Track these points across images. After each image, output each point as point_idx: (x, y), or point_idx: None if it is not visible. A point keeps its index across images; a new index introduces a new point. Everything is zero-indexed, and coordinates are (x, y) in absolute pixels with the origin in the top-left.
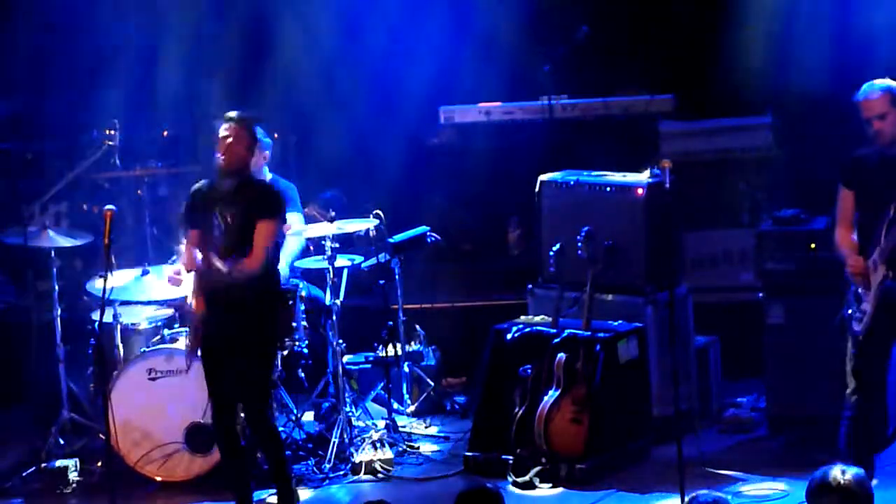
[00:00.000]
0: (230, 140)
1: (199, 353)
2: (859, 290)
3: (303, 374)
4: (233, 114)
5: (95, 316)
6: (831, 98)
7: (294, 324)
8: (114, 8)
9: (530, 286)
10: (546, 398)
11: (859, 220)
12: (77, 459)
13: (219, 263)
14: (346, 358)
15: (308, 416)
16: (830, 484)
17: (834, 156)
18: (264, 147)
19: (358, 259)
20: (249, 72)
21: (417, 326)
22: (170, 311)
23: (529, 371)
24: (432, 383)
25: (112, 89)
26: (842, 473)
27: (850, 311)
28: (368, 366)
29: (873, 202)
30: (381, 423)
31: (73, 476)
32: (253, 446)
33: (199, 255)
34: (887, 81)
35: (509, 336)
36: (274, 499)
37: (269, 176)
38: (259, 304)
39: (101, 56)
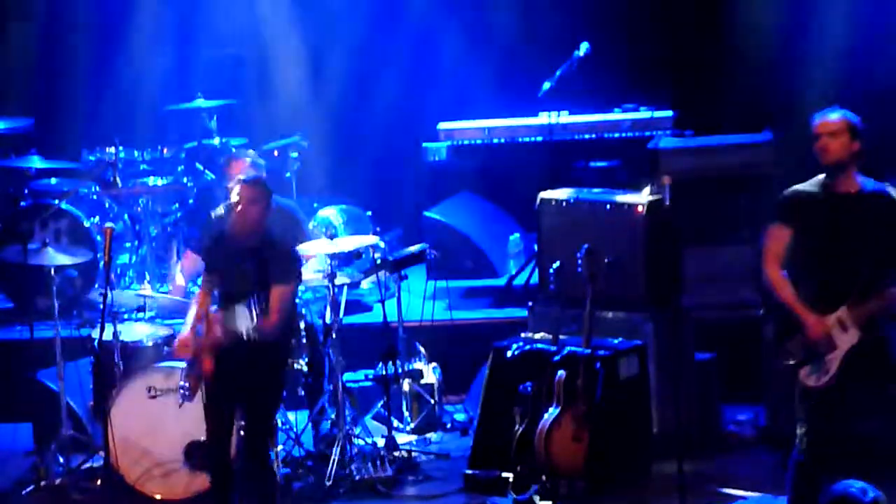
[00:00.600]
0: (245, 202)
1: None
2: (814, 346)
3: (303, 392)
4: (246, 176)
5: (95, 333)
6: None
7: (293, 341)
8: (117, 27)
9: (531, 303)
10: (546, 416)
11: (811, 269)
12: (76, 477)
13: (242, 326)
14: (345, 375)
15: (308, 434)
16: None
17: None
18: (258, 169)
19: (358, 276)
20: (249, 92)
21: (417, 343)
22: (170, 330)
23: (529, 388)
24: (432, 401)
25: (113, 107)
26: (863, 493)
27: (795, 361)
28: (368, 383)
29: (832, 250)
30: (381, 441)
31: (72, 494)
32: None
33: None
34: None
35: (509, 353)
36: None
37: None
38: (276, 351)
39: (103, 74)
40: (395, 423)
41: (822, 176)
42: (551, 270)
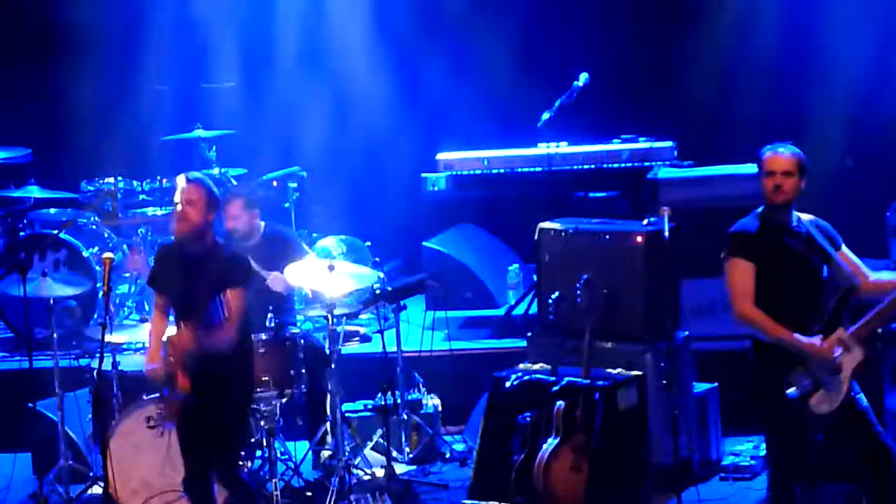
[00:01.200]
0: (183, 203)
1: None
2: (819, 372)
3: (301, 422)
4: (189, 174)
5: (94, 364)
6: (830, 147)
7: (293, 371)
8: (116, 58)
9: (530, 333)
10: (545, 446)
11: (771, 303)
12: None
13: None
14: (344, 405)
15: (307, 464)
16: None
17: (835, 206)
18: (256, 206)
19: (357, 307)
20: (249, 123)
21: (416, 374)
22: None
23: (528, 419)
24: (431, 431)
25: (112, 137)
26: None
27: (803, 392)
28: (367, 413)
29: (792, 283)
30: (380, 471)
31: None
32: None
33: (178, 333)
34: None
35: (508, 384)
36: None
37: (261, 225)
38: (234, 363)
39: (102, 105)
40: (394, 453)
41: (759, 210)
42: (550, 301)
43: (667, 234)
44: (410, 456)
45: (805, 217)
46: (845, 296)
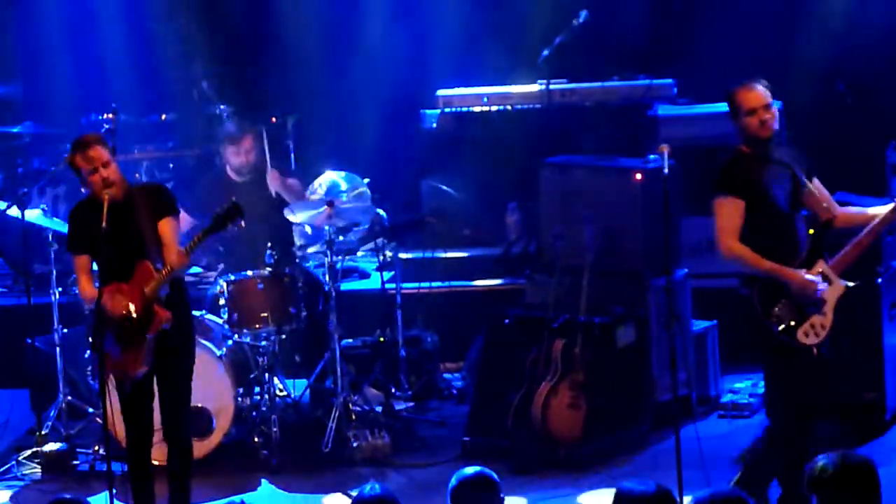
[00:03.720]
0: (102, 167)
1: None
2: (804, 304)
3: (299, 359)
4: (88, 136)
5: None
6: (833, 82)
7: (291, 308)
8: None
9: (528, 271)
10: (544, 383)
11: (765, 238)
12: (74, 443)
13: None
14: (343, 342)
15: (305, 400)
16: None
17: (835, 144)
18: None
19: (356, 243)
20: (248, 56)
21: (415, 311)
22: None
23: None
24: (430, 368)
25: (112, 72)
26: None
27: (787, 325)
28: (366, 350)
29: (780, 212)
30: (379, 408)
31: (70, 459)
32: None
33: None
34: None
35: (507, 321)
36: None
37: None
38: (179, 308)
39: (102, 39)
40: (393, 390)
41: (743, 148)
42: (550, 238)
43: (666, 171)
44: (409, 393)
45: (780, 149)
46: (823, 228)
